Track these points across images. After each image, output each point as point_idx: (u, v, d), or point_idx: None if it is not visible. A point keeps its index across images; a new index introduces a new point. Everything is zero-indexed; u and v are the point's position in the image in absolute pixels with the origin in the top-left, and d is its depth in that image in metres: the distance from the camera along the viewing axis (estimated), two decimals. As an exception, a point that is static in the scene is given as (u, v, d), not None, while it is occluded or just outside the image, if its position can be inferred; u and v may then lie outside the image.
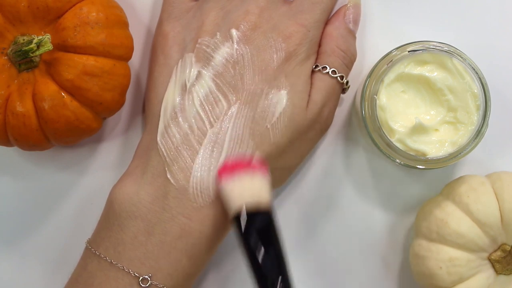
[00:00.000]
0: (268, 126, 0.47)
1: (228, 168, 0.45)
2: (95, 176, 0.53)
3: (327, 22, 0.51)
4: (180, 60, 0.49)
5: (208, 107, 0.47)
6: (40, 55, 0.46)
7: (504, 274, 0.48)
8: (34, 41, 0.46)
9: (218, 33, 0.48)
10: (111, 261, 0.46)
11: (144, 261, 0.46)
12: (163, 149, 0.47)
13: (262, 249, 0.44)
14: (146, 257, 0.46)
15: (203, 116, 0.47)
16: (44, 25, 0.46)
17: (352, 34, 0.51)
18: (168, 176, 0.47)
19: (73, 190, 0.53)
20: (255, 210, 0.44)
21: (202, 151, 0.47)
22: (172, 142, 0.47)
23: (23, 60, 0.46)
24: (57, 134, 0.47)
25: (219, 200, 0.47)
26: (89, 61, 0.46)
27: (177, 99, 0.48)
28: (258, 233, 0.44)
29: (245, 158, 0.46)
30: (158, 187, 0.47)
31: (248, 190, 0.45)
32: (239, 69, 0.48)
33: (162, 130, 0.48)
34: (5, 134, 0.47)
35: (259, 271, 0.44)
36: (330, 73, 0.49)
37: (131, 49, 0.48)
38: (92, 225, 0.49)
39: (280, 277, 0.43)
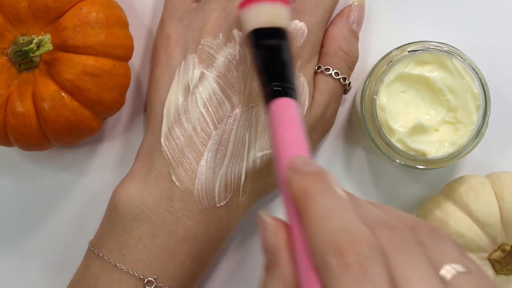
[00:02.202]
0: None
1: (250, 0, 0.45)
2: (95, 176, 0.53)
3: (330, 22, 0.51)
4: (183, 61, 0.48)
5: (211, 108, 0.47)
6: (40, 55, 0.46)
7: (504, 274, 0.48)
8: (34, 41, 0.46)
9: (220, 34, 0.48)
10: (114, 263, 0.46)
11: (149, 264, 0.46)
12: (167, 151, 0.47)
13: (270, 54, 0.43)
14: (151, 260, 0.46)
15: (207, 118, 0.47)
16: (44, 25, 0.46)
17: (355, 35, 0.51)
18: (173, 178, 0.47)
19: (73, 190, 0.53)
20: (270, 27, 0.44)
21: (206, 153, 0.47)
22: (176, 144, 0.47)
23: (23, 60, 0.46)
24: (57, 134, 0.47)
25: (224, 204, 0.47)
26: (89, 61, 0.46)
27: (180, 100, 0.48)
28: (269, 42, 0.44)
29: None
30: (163, 189, 0.47)
31: (265, 13, 0.44)
32: (242, 70, 0.48)
33: (165, 131, 0.47)
34: (5, 134, 0.47)
35: (265, 68, 0.43)
36: (333, 74, 0.49)
37: (131, 49, 0.48)
38: (92, 225, 0.48)
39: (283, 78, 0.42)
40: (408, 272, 0.33)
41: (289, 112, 0.41)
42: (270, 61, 0.43)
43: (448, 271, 0.34)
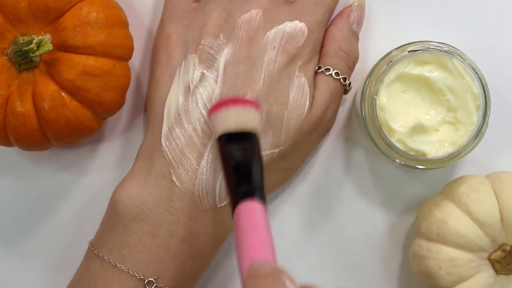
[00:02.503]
0: (273, 129, 0.47)
1: (219, 104, 0.45)
2: (95, 176, 0.53)
3: (331, 22, 0.51)
4: (183, 61, 0.48)
5: None
6: (40, 55, 0.46)
7: (504, 274, 0.48)
8: (34, 41, 0.46)
9: (221, 35, 0.48)
10: (115, 263, 0.46)
11: (149, 264, 0.46)
12: (167, 151, 0.47)
13: (238, 157, 0.43)
14: (151, 260, 0.46)
15: (207, 118, 0.47)
16: (44, 25, 0.46)
17: (355, 35, 0.51)
18: (173, 179, 0.47)
19: (73, 190, 0.53)
20: (240, 131, 0.44)
21: (207, 153, 0.47)
22: (177, 144, 0.47)
23: (23, 60, 0.46)
24: (57, 134, 0.47)
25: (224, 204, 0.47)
26: (89, 61, 0.46)
27: (181, 100, 0.48)
28: (238, 147, 0.44)
29: (238, 96, 0.46)
30: (163, 189, 0.47)
31: (234, 117, 0.44)
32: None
33: (166, 132, 0.47)
34: (5, 134, 0.47)
35: (230, 174, 0.44)
36: (333, 74, 0.49)
37: (131, 49, 0.48)
38: (92, 225, 0.49)
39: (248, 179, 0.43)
40: None
41: (254, 216, 0.41)
42: (236, 164, 0.44)
43: None
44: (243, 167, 0.44)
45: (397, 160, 0.48)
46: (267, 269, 0.38)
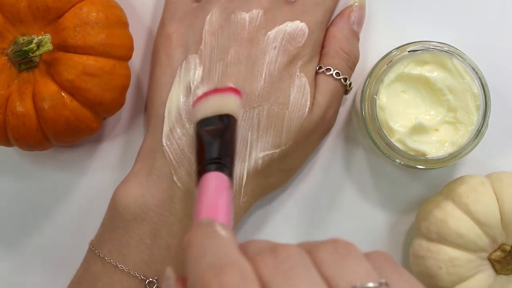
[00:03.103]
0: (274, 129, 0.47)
1: (201, 96, 0.44)
2: (95, 176, 0.53)
3: (331, 23, 0.51)
4: (184, 61, 0.48)
5: None
6: (40, 55, 0.46)
7: (504, 274, 0.48)
8: (34, 41, 0.46)
9: None
10: (115, 263, 0.46)
11: (150, 264, 0.46)
12: (168, 152, 0.47)
13: (208, 137, 0.42)
14: (152, 260, 0.46)
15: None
16: (44, 25, 0.46)
17: (355, 35, 0.51)
18: (174, 179, 0.47)
19: (73, 190, 0.53)
20: (216, 116, 0.43)
21: None
22: (178, 145, 0.47)
23: (23, 60, 0.46)
24: (57, 134, 0.47)
25: None
26: (89, 61, 0.46)
27: (182, 100, 0.48)
28: (209, 127, 0.42)
29: (220, 86, 0.45)
30: (164, 189, 0.46)
31: (212, 104, 0.43)
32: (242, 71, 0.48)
33: (167, 132, 0.47)
34: (5, 134, 0.47)
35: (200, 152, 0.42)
36: (334, 75, 0.49)
37: (131, 49, 0.48)
38: (93, 225, 0.48)
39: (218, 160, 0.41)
40: None
41: (214, 183, 0.40)
42: (207, 142, 0.42)
43: None
44: (213, 143, 0.42)
45: (397, 160, 0.48)
46: (204, 222, 0.36)
